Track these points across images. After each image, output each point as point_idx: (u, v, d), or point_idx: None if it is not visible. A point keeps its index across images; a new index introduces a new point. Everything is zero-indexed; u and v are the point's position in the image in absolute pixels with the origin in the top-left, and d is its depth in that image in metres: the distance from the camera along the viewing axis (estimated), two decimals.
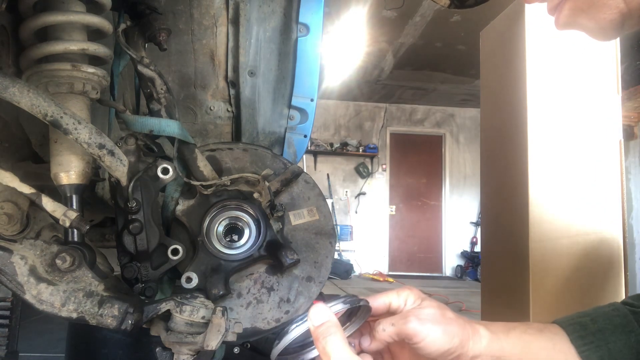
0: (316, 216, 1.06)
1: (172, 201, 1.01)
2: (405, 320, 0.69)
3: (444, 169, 9.83)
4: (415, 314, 0.70)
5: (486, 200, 2.40)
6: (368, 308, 0.73)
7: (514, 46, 2.07)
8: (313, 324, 0.65)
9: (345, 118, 9.62)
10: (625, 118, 5.56)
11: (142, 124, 0.95)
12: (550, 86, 1.98)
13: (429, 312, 0.71)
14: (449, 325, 0.70)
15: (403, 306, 0.74)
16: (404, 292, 0.75)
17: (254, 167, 1.06)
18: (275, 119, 1.41)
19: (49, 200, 0.83)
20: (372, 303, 0.74)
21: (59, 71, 0.85)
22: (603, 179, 1.97)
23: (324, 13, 1.38)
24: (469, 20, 5.64)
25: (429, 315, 0.70)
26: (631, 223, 5.67)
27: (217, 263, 0.98)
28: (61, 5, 0.88)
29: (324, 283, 1.04)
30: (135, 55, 0.97)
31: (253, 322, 0.99)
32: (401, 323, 0.69)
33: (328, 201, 1.56)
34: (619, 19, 0.63)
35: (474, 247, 9.40)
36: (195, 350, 0.85)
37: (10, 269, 0.81)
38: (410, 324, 0.68)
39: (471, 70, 7.32)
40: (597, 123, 1.99)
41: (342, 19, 5.66)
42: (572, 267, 1.91)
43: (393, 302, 0.74)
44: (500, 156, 2.22)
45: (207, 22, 1.35)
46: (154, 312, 0.85)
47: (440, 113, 9.83)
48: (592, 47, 2.00)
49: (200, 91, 1.43)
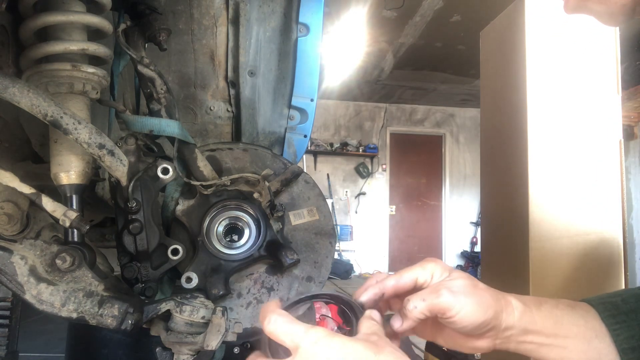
0: (316, 216, 1.06)
1: (172, 201, 1.01)
2: (437, 294, 0.65)
3: (444, 169, 9.82)
4: (447, 287, 0.66)
5: (486, 200, 2.40)
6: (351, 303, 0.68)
7: (514, 46, 2.07)
8: (263, 315, 0.60)
9: (345, 118, 9.62)
10: (625, 118, 5.56)
11: (142, 124, 0.95)
12: (550, 86, 1.98)
13: (460, 284, 0.67)
14: (482, 296, 0.67)
15: (430, 280, 0.70)
16: (429, 265, 0.71)
17: (254, 167, 1.06)
18: (275, 119, 1.41)
19: (49, 200, 0.83)
20: (398, 280, 0.69)
21: (59, 71, 0.85)
22: (603, 179, 1.97)
23: (324, 13, 1.38)
24: (469, 20, 5.64)
25: (460, 287, 0.66)
26: (631, 223, 5.67)
27: (217, 263, 0.98)
28: (61, 5, 0.88)
29: (324, 283, 1.04)
30: (135, 55, 0.97)
31: (253, 322, 0.99)
32: (432, 297, 0.65)
33: (328, 201, 1.56)
34: (630, 4, 0.62)
35: (474, 247, 9.40)
36: (195, 350, 0.85)
37: (10, 269, 0.81)
38: (442, 297, 0.64)
39: (471, 70, 7.32)
40: (597, 123, 1.99)
41: (342, 19, 5.66)
42: (572, 267, 1.91)
43: (420, 276, 0.70)
44: (500, 156, 2.22)
45: (207, 22, 1.35)
46: (154, 312, 0.85)
47: (440, 113, 9.82)
48: (592, 47, 2.00)
49: (200, 91, 1.43)
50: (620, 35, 2.01)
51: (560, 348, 0.72)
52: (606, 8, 0.64)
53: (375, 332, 0.60)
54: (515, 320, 0.69)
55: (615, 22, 0.66)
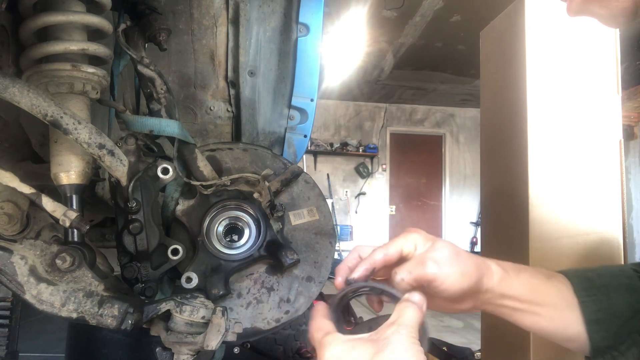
0: (316, 216, 1.06)
1: (172, 201, 1.01)
2: (423, 265, 0.68)
3: (444, 169, 9.82)
4: (431, 258, 0.68)
5: (486, 200, 2.40)
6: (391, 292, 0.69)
7: (514, 46, 2.07)
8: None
9: (345, 118, 9.62)
10: (625, 118, 5.56)
11: (142, 124, 0.95)
12: (550, 86, 1.98)
13: (444, 254, 0.69)
14: (465, 264, 0.70)
15: (413, 250, 0.72)
16: (411, 236, 0.73)
17: (254, 167, 1.06)
18: (275, 119, 1.40)
19: (49, 200, 0.83)
20: (385, 252, 0.71)
21: (59, 71, 0.85)
22: (603, 179, 1.97)
23: (324, 13, 1.38)
24: (469, 20, 5.64)
25: (444, 257, 0.69)
26: (631, 223, 5.67)
27: (217, 263, 0.98)
28: (61, 5, 0.88)
29: (324, 283, 1.04)
30: (135, 55, 0.97)
31: (253, 322, 0.99)
32: (419, 269, 0.68)
33: (328, 201, 1.55)
34: (631, 7, 0.62)
35: (474, 247, 9.39)
36: (195, 350, 0.85)
37: (10, 269, 0.81)
38: (428, 268, 0.67)
39: (471, 70, 7.32)
40: (597, 123, 1.99)
41: (342, 19, 5.66)
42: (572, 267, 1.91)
43: (404, 247, 0.72)
44: (500, 156, 2.22)
45: (207, 22, 1.35)
46: (154, 312, 0.85)
47: (440, 113, 9.82)
48: (592, 47, 2.00)
49: (200, 91, 1.43)
50: (620, 36, 2.00)
51: (532, 314, 0.77)
52: (608, 11, 0.64)
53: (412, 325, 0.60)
54: (494, 284, 0.74)
55: (617, 25, 0.67)
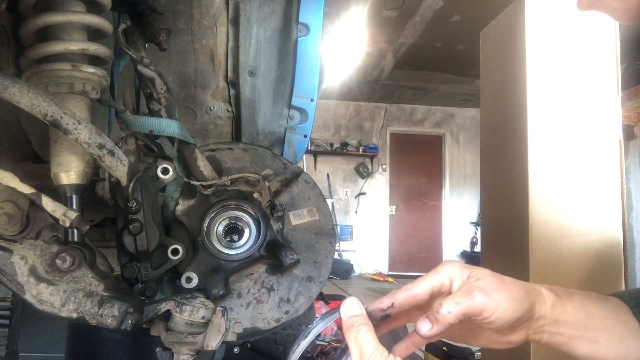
0: (316, 216, 1.06)
1: (172, 201, 1.01)
2: (471, 296, 0.63)
3: (444, 169, 9.82)
4: (478, 287, 0.63)
5: (486, 200, 2.40)
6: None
7: (514, 46, 2.07)
8: (346, 313, 0.61)
9: (345, 118, 9.61)
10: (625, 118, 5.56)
11: (142, 124, 0.95)
12: (550, 86, 1.98)
13: (489, 281, 0.65)
14: (513, 291, 0.65)
15: (448, 283, 0.68)
16: (443, 269, 0.68)
17: (254, 167, 1.06)
18: (275, 119, 1.41)
19: (49, 200, 0.83)
20: (410, 289, 0.68)
21: (59, 71, 0.85)
22: (603, 179, 1.97)
23: (324, 13, 1.38)
24: (469, 20, 5.64)
25: (490, 284, 0.64)
26: (631, 223, 5.67)
27: (217, 263, 0.98)
28: (61, 5, 0.88)
29: (324, 283, 1.04)
30: (135, 55, 0.97)
31: (253, 322, 0.99)
32: (466, 300, 0.63)
33: (328, 201, 1.56)
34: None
35: (474, 247, 9.39)
36: (195, 350, 0.85)
37: (10, 269, 0.81)
38: (477, 298, 0.62)
39: (471, 70, 7.32)
40: (597, 123, 1.99)
41: (342, 19, 5.66)
42: (572, 268, 1.91)
43: (435, 282, 0.68)
44: (500, 156, 2.22)
45: (207, 22, 1.35)
46: (154, 312, 0.85)
47: (440, 113, 9.82)
48: (592, 47, 2.00)
49: (200, 91, 1.43)
50: (620, 35, 2.01)
51: (590, 341, 0.70)
52: (623, 4, 0.62)
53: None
54: (547, 310, 0.68)
55: (629, 20, 0.64)
